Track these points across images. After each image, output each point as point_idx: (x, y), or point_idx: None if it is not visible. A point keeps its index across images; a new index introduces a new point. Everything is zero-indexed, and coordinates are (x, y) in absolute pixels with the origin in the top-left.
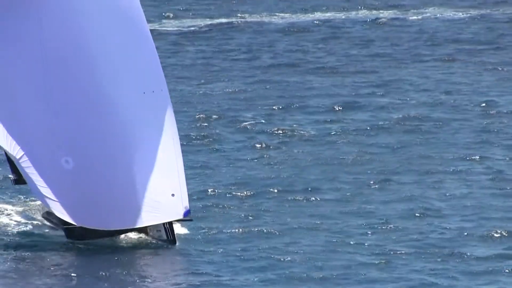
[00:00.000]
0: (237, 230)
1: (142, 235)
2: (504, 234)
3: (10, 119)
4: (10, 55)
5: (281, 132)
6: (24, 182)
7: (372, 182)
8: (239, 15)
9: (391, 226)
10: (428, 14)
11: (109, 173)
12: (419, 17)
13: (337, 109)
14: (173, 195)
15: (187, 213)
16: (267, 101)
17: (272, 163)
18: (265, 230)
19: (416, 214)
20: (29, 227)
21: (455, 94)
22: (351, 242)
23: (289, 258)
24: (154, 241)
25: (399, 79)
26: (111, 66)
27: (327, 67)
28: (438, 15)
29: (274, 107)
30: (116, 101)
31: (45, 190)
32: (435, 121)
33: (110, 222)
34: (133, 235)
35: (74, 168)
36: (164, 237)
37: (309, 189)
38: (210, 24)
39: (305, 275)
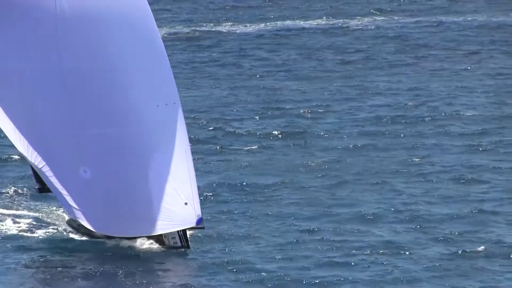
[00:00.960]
0: (245, 233)
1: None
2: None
3: (31, 129)
4: (30, 69)
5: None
6: (48, 191)
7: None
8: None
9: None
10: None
11: (125, 183)
12: (391, 24)
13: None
14: (186, 203)
15: (199, 221)
16: (248, 105)
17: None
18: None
19: (368, 217)
20: (53, 232)
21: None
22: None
23: (302, 264)
24: (170, 248)
25: (370, 84)
26: (128, 80)
27: (302, 73)
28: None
29: (257, 111)
30: (132, 113)
31: (67, 198)
32: (403, 124)
33: (127, 230)
34: (148, 242)
35: (92, 177)
36: (179, 243)
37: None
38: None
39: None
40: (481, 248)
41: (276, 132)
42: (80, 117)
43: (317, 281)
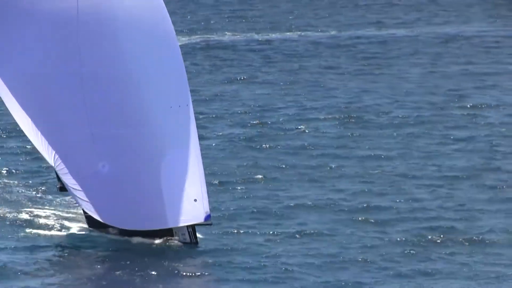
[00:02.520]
0: (253, 229)
1: (169, 238)
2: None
3: (51, 129)
4: (51, 71)
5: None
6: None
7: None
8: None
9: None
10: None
11: (138, 179)
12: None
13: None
14: (195, 200)
15: (207, 218)
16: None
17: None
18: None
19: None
20: (70, 229)
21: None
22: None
23: (308, 260)
24: (178, 243)
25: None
26: (144, 81)
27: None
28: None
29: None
30: (146, 114)
31: (82, 193)
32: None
33: (139, 223)
34: (158, 238)
35: (109, 172)
36: (188, 239)
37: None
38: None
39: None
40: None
41: (281, 133)
42: (97, 117)
43: (329, 280)
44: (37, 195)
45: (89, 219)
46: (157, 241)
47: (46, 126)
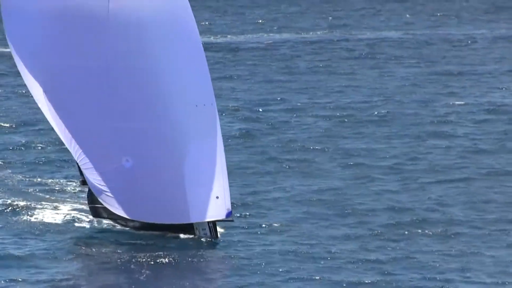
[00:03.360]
0: (274, 225)
1: (189, 233)
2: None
3: (75, 123)
4: (78, 65)
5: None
6: None
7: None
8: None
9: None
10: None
11: (161, 175)
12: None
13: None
14: (217, 197)
15: (229, 214)
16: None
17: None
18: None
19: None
20: (91, 223)
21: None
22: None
23: (330, 256)
24: (200, 238)
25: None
26: (171, 80)
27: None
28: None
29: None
30: (172, 111)
31: (104, 188)
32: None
33: (161, 218)
34: (179, 233)
35: (133, 166)
36: (208, 234)
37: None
38: None
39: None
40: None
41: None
42: (125, 113)
43: (350, 279)
44: (58, 188)
45: (93, 210)
46: (177, 235)
47: (70, 120)
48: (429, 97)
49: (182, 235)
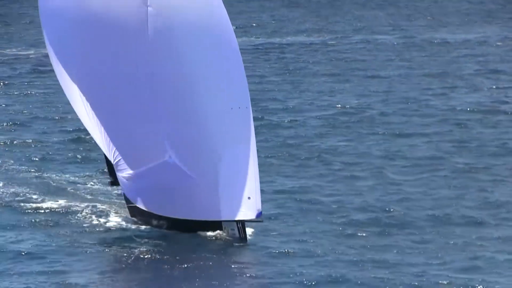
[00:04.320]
0: (303, 229)
1: (218, 233)
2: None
3: (115, 126)
4: (121, 71)
5: None
6: (119, 184)
7: None
8: None
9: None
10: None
11: (197, 173)
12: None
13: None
14: (249, 198)
15: (259, 215)
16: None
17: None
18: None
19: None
20: (118, 223)
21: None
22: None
23: (327, 252)
24: (228, 238)
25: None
26: (207, 84)
27: None
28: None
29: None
30: (208, 113)
31: (139, 185)
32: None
33: (193, 214)
34: (207, 233)
35: (175, 163)
36: (237, 235)
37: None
38: None
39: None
40: None
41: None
42: (164, 113)
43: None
44: (87, 186)
45: (132, 209)
46: (205, 234)
47: (110, 123)
48: (413, 97)
49: (209, 235)
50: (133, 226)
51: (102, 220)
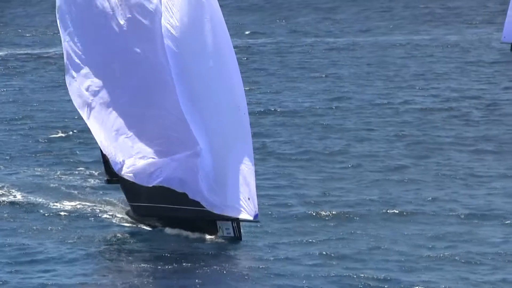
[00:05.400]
0: (299, 230)
1: (212, 236)
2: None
3: (132, 120)
4: (143, 73)
5: None
6: (116, 182)
7: None
8: None
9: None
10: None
11: (209, 168)
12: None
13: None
14: (249, 198)
15: (256, 216)
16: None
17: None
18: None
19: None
20: (114, 221)
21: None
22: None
23: (328, 252)
24: (225, 236)
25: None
26: (215, 81)
27: None
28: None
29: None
30: (221, 114)
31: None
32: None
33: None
34: (202, 232)
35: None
36: (232, 234)
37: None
38: None
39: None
40: None
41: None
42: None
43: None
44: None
45: (134, 209)
46: (201, 236)
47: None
48: (381, 96)
49: (205, 236)
50: (131, 225)
51: (98, 219)
